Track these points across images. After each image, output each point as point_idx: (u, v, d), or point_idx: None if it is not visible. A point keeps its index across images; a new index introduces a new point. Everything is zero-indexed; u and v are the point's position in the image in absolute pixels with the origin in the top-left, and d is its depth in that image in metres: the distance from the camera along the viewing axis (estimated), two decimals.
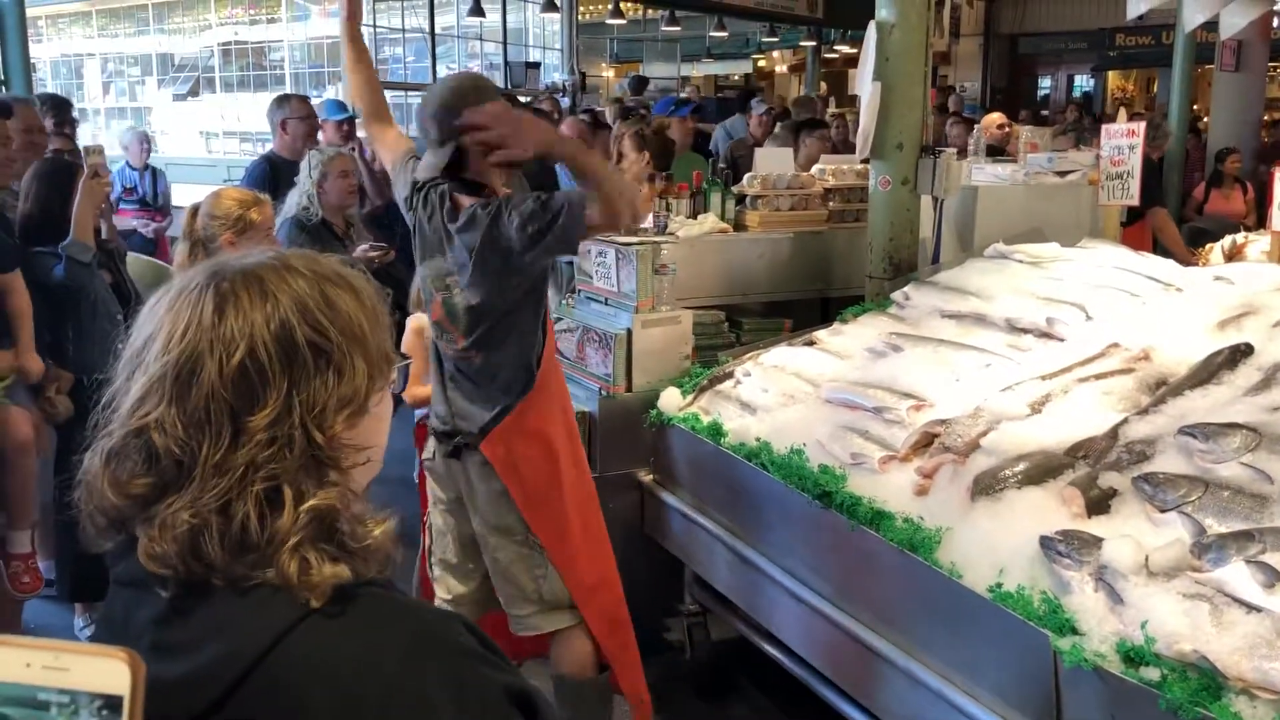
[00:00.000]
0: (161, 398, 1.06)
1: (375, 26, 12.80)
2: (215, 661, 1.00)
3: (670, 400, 3.71)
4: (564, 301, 4.29)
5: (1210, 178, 9.49)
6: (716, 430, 3.40)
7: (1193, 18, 7.49)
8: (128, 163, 8.27)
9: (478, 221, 2.82)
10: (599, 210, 2.69)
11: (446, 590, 3.22)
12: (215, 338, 1.06)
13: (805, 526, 2.98)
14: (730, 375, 3.71)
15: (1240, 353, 2.76)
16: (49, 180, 4.10)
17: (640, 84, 13.41)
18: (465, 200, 2.90)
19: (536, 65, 12.85)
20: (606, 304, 4.07)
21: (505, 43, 13.53)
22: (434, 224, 2.97)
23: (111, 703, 0.81)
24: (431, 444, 3.15)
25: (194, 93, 20.83)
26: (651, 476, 3.78)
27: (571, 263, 4.32)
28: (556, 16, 12.78)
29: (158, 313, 1.11)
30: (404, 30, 13.18)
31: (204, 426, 1.04)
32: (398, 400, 3.78)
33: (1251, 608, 1.88)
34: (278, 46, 19.79)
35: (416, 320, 3.67)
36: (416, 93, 11.17)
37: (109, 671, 0.81)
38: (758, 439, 3.22)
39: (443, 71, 14.11)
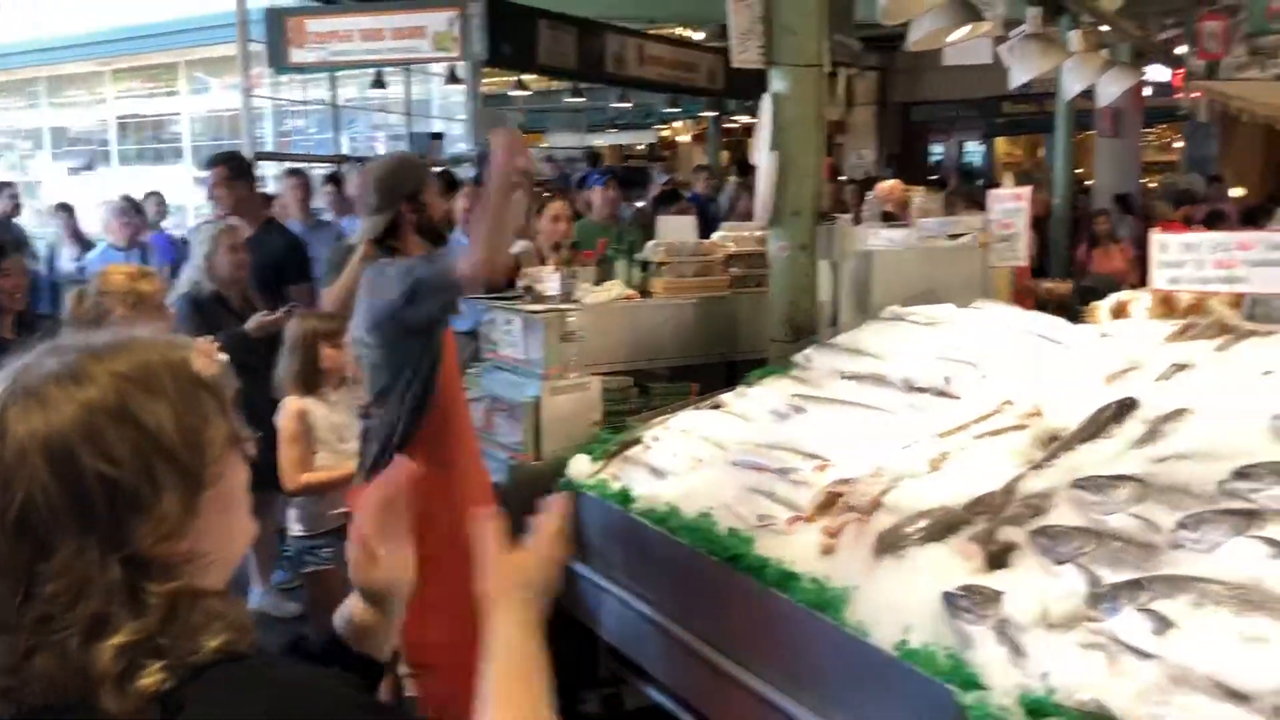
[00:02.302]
0: None
1: (275, 99, 12.74)
2: None
3: (580, 467, 3.70)
4: (469, 371, 4.28)
5: (1089, 238, 9.94)
6: (626, 496, 3.40)
7: (1071, 86, 7.91)
8: (110, 245, 7.18)
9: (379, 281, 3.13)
10: (475, 261, 3.00)
11: None
12: None
13: (716, 590, 2.98)
14: (639, 441, 3.72)
15: (1126, 407, 2.86)
16: None
17: (594, 158, 13.62)
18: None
19: (440, 136, 12.90)
20: (514, 372, 4.07)
21: (409, 114, 13.56)
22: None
23: None
24: None
25: (90, 166, 20.39)
26: None
27: (475, 332, 4.32)
28: (460, 88, 12.87)
29: None
30: (306, 103, 13.15)
31: (3, 578, 0.97)
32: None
33: (1144, 655, 1.93)
34: (177, 119, 19.54)
35: (294, 404, 3.62)
36: (320, 165, 11.11)
37: None
38: (667, 504, 3.23)
39: (346, 144, 14.09)
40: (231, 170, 5.42)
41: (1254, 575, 1.99)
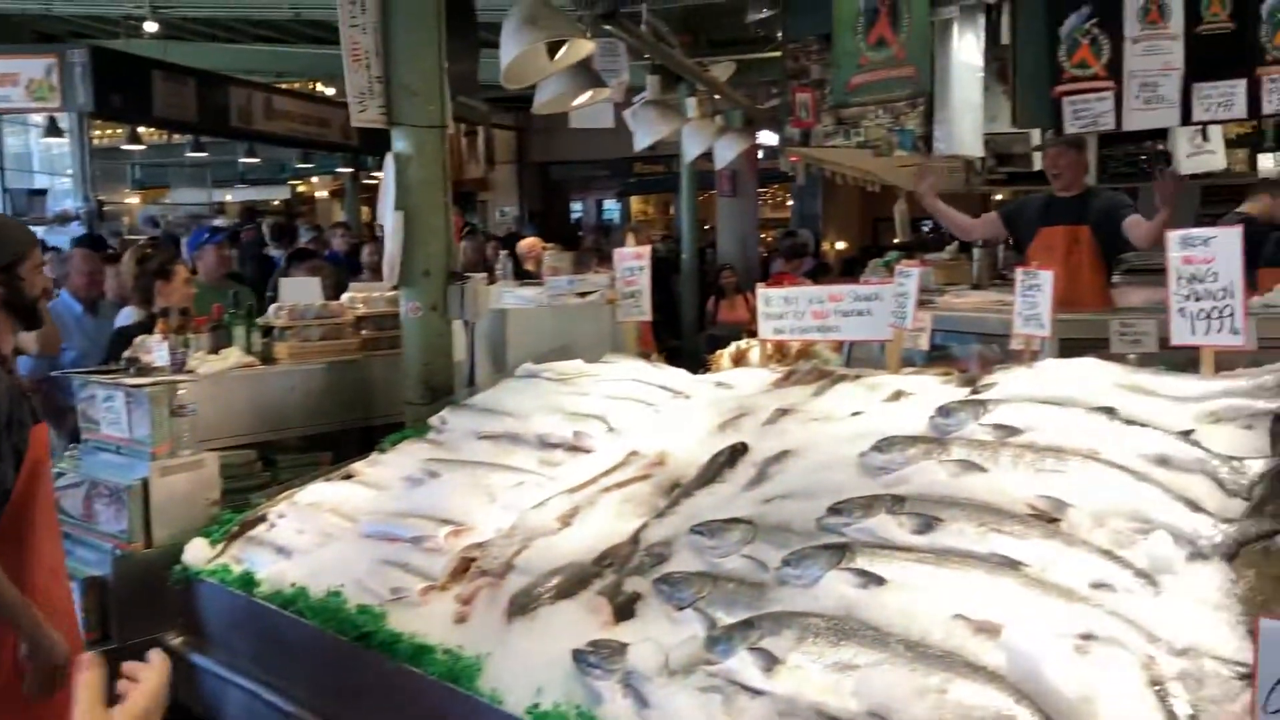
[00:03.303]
0: None
1: None
2: None
3: (197, 552, 3.43)
4: (66, 454, 3.86)
5: (716, 291, 10.65)
6: (249, 580, 3.18)
7: (691, 149, 8.47)
8: None
9: None
10: None
11: None
12: None
13: (349, 671, 2.83)
14: (263, 519, 3.50)
15: (737, 451, 3.03)
16: None
17: (249, 214, 12.83)
18: None
19: (42, 192, 11.74)
20: (118, 452, 3.72)
21: (3, 169, 12.23)
22: None
23: None
24: None
25: None
26: (181, 639, 3.44)
27: (73, 408, 3.91)
28: (64, 140, 11.77)
29: None
30: None
31: None
32: None
33: (756, 692, 2.02)
34: None
35: None
36: None
37: None
38: (293, 584, 3.05)
39: None
40: None
41: (846, 605, 2.14)
